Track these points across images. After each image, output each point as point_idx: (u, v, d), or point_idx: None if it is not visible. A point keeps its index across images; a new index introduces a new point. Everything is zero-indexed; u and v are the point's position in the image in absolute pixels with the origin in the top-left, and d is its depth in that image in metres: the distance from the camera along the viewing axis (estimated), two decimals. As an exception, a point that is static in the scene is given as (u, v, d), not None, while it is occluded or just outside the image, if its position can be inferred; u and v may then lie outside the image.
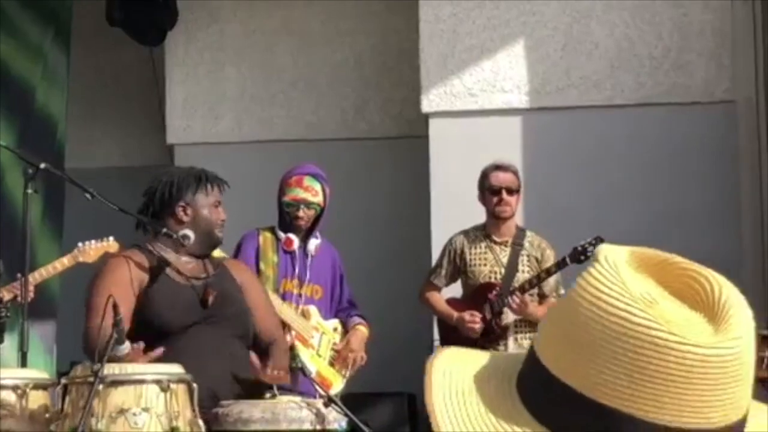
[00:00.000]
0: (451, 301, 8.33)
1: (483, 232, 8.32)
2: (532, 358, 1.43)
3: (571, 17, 9.78)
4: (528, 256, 8.25)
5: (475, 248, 8.29)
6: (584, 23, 9.77)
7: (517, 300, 8.03)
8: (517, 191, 8.29)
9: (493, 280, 8.20)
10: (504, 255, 8.25)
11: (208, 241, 6.58)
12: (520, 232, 8.34)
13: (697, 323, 1.36)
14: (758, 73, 9.50)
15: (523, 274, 8.20)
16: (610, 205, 9.21)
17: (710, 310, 1.37)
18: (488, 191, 8.25)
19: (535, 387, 1.42)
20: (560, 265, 8.06)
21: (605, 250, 1.42)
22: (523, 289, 8.09)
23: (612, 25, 9.76)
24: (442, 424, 1.40)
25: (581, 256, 7.89)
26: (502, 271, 8.20)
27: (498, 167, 8.32)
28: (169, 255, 6.42)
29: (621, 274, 1.38)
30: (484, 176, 8.28)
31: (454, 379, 1.46)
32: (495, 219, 8.27)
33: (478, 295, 8.20)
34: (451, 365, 1.48)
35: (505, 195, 8.20)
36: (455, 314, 8.18)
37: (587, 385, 1.36)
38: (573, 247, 7.98)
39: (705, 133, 9.61)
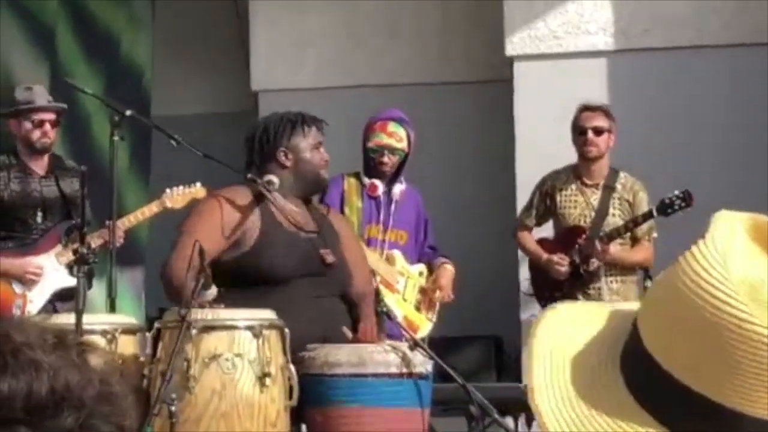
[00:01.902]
0: (542, 242, 8.33)
1: (574, 174, 8.29)
2: (635, 337, 1.38)
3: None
4: (620, 198, 8.19)
5: (566, 190, 8.27)
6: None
7: (599, 248, 8.02)
8: (609, 131, 8.22)
9: (583, 223, 8.17)
10: (595, 198, 8.20)
11: (314, 183, 6.58)
12: (613, 174, 8.27)
13: None
14: None
15: (614, 217, 8.15)
16: (695, 150, 9.17)
17: None
18: (577, 131, 8.23)
19: (638, 371, 1.38)
20: (647, 216, 8.02)
21: (716, 222, 1.36)
22: (611, 237, 8.04)
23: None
24: (543, 406, 1.39)
25: (668, 209, 7.86)
26: (592, 214, 8.17)
27: (586, 108, 8.28)
28: (274, 197, 6.36)
29: (727, 255, 1.32)
30: (575, 117, 8.25)
31: (553, 352, 1.43)
32: (584, 160, 8.24)
33: (568, 238, 8.19)
34: (551, 331, 1.46)
35: (591, 135, 8.16)
36: (544, 255, 8.18)
37: (686, 371, 1.33)
38: (660, 200, 7.93)
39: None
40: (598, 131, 8.20)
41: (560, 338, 1.45)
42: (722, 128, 9.47)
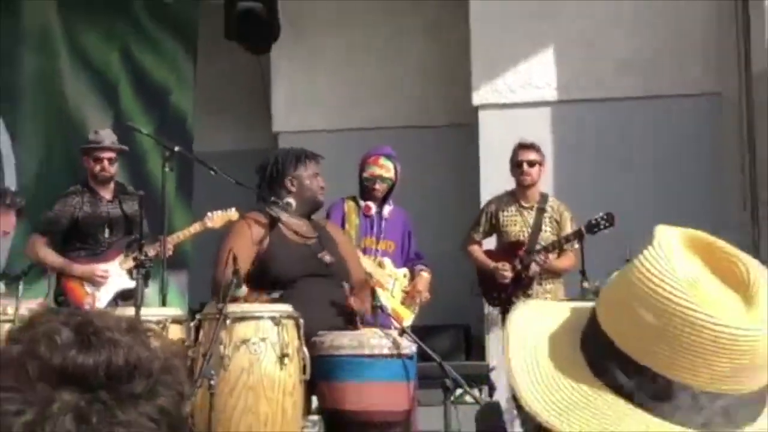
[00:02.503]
0: (487, 252, 8.28)
1: (513, 198, 8.26)
2: (594, 324, 1.38)
3: (587, 32, 9.72)
4: (550, 218, 8.16)
5: (507, 211, 8.23)
6: (597, 36, 9.72)
7: (543, 258, 8.01)
8: (540, 164, 8.22)
9: (521, 238, 8.13)
10: (530, 217, 8.17)
11: (312, 204, 6.60)
12: (543, 198, 8.25)
13: (732, 304, 1.30)
14: (740, 68, 9.49)
15: (546, 233, 8.12)
16: (617, 179, 9.19)
17: (745, 292, 1.30)
18: (514, 164, 8.23)
19: (596, 349, 1.36)
20: (577, 234, 7.97)
21: (660, 233, 1.36)
22: (547, 250, 8.03)
23: (616, 37, 9.71)
24: (521, 383, 1.37)
25: (595, 228, 7.84)
26: (529, 230, 8.14)
27: (522, 145, 8.26)
28: (283, 216, 6.42)
29: (670, 257, 1.32)
30: (513, 153, 8.25)
31: (527, 339, 1.41)
32: (521, 187, 8.22)
33: (509, 250, 8.15)
34: (525, 321, 1.44)
35: (525, 167, 8.15)
36: (491, 264, 8.14)
37: (639, 352, 1.32)
38: (588, 221, 7.90)
39: (693, 121, 9.61)
40: (531, 163, 8.19)
41: (531, 328, 1.43)
42: (645, 165, 9.45)
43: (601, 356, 1.35)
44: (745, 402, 1.32)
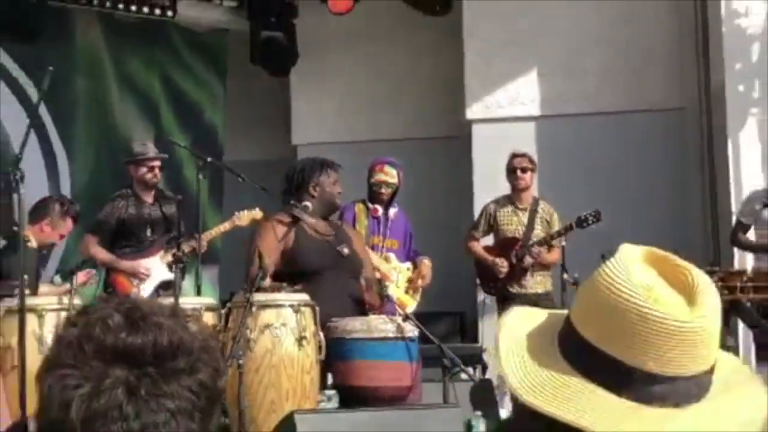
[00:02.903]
0: (486, 248, 8.28)
1: (509, 200, 8.27)
2: (568, 322, 1.44)
3: (565, 55, 9.74)
4: (541, 218, 8.17)
5: (504, 212, 8.24)
6: (574, 59, 9.73)
7: (537, 251, 8.02)
8: (532, 170, 8.23)
9: (517, 235, 8.15)
10: (524, 217, 8.18)
11: (330, 207, 6.62)
12: (535, 201, 8.26)
13: (679, 304, 1.37)
14: (700, 85, 9.47)
15: (537, 231, 8.13)
16: (591, 185, 9.15)
17: (690, 294, 1.38)
18: (510, 170, 8.24)
19: (569, 343, 1.42)
20: (567, 228, 7.96)
21: (622, 249, 1.43)
22: (540, 244, 8.04)
23: (590, 59, 9.70)
24: (508, 369, 1.43)
25: (584, 223, 7.84)
26: (523, 228, 8.15)
27: (515, 154, 8.29)
28: (304, 216, 6.42)
29: (629, 267, 1.39)
30: (508, 160, 8.26)
31: (515, 335, 1.47)
32: (515, 190, 8.23)
33: (505, 245, 8.15)
34: (515, 322, 1.50)
35: (519, 173, 8.17)
36: (490, 258, 8.15)
37: (603, 341, 1.38)
38: (577, 217, 7.88)
39: (659, 134, 9.59)
40: (524, 170, 8.21)
41: (517, 328, 1.48)
42: (616, 172, 9.44)
43: (573, 348, 1.42)
44: (690, 383, 1.38)
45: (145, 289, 7.49)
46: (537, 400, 1.38)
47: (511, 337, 1.47)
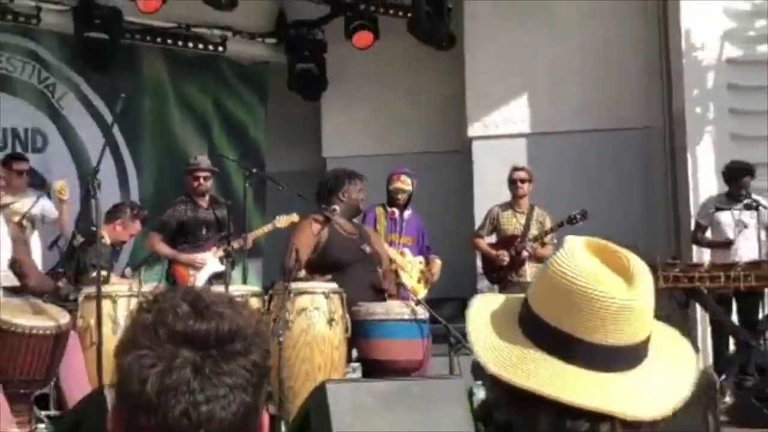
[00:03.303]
0: (489, 244, 8.27)
1: (509, 205, 8.26)
2: (526, 303, 1.43)
3: (551, 82, 9.71)
4: (536, 220, 8.16)
5: (505, 215, 8.23)
6: (558, 84, 9.70)
7: (533, 245, 8.03)
8: (529, 181, 8.22)
9: (516, 233, 8.14)
10: (522, 219, 8.17)
11: (356, 211, 6.67)
12: (531, 206, 8.23)
13: (618, 284, 1.36)
14: (664, 107, 9.46)
15: (532, 230, 8.11)
16: (583, 194, 9.12)
17: (627, 276, 1.37)
18: (511, 181, 8.24)
19: (527, 321, 1.42)
20: (560, 225, 7.97)
21: (568, 239, 1.43)
22: (535, 240, 8.05)
23: (572, 85, 9.67)
24: (476, 347, 1.42)
25: (573, 220, 7.87)
26: (521, 228, 8.14)
27: (516, 168, 8.31)
28: (336, 218, 6.43)
29: (575, 255, 1.39)
30: (510, 172, 8.27)
31: (482, 316, 1.47)
32: (515, 197, 8.23)
33: (506, 242, 8.15)
34: (480, 307, 1.49)
35: (519, 183, 8.18)
36: (493, 252, 8.14)
37: (555, 319, 1.38)
38: (567, 215, 7.91)
39: (630, 149, 9.55)
40: (523, 180, 8.21)
41: (483, 311, 1.48)
42: (595, 183, 9.38)
43: (531, 326, 1.41)
44: (629, 351, 1.38)
45: (200, 279, 7.47)
46: (502, 371, 1.38)
47: (478, 319, 1.46)
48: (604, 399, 1.34)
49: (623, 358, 1.38)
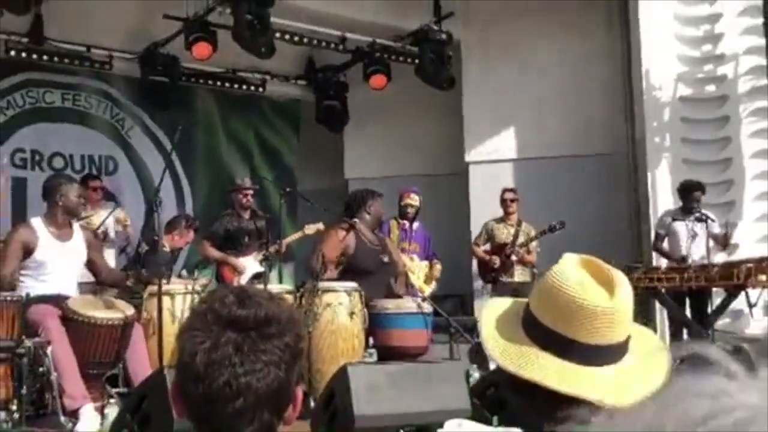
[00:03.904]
0: (485, 251, 8.20)
1: (501, 220, 8.19)
2: (527, 309, 1.44)
3: (534, 115, 9.70)
4: (523, 231, 8.09)
5: (497, 227, 8.17)
6: (539, 118, 9.69)
7: (519, 252, 7.98)
8: (517, 200, 8.17)
9: (506, 242, 8.08)
10: (511, 230, 8.11)
11: (377, 223, 6.60)
12: (519, 221, 8.17)
13: (602, 294, 1.37)
14: (627, 136, 9.41)
15: (520, 240, 8.05)
16: (561, 209, 9.07)
17: (609, 286, 1.38)
18: (502, 200, 8.20)
19: (529, 323, 1.42)
20: (543, 233, 7.89)
21: (564, 258, 1.44)
22: (521, 246, 7.99)
23: (551, 119, 9.66)
24: (487, 342, 1.44)
25: (554, 229, 7.75)
26: (510, 238, 8.08)
27: (506, 189, 8.28)
28: (360, 227, 6.38)
29: (567, 270, 1.40)
30: (501, 193, 8.24)
31: (492, 316, 1.47)
32: (506, 214, 8.17)
33: (498, 249, 8.09)
34: (491, 309, 1.50)
35: (509, 203, 8.14)
36: (487, 257, 8.09)
37: (551, 321, 1.39)
38: (549, 224, 7.83)
39: (597, 173, 9.50)
40: (512, 200, 8.17)
41: (493, 313, 1.48)
42: (569, 201, 9.34)
43: (532, 327, 1.41)
44: (611, 349, 1.38)
45: (243, 279, 7.45)
46: (507, 363, 1.39)
47: (488, 321, 1.47)
48: (588, 389, 1.34)
49: (607, 355, 1.38)
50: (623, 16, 9.46)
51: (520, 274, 8.08)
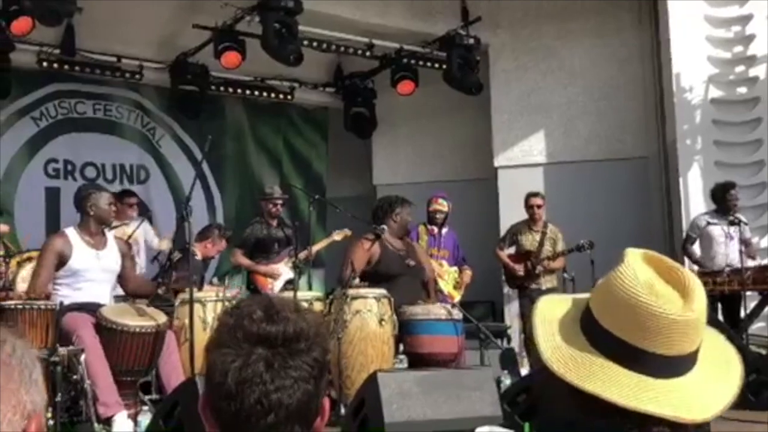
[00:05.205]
0: (509, 256, 8.15)
1: (527, 224, 8.11)
2: (588, 312, 1.33)
3: (563, 119, 9.67)
4: (549, 238, 8.01)
5: (522, 232, 8.09)
6: (570, 121, 9.66)
7: (545, 264, 7.90)
8: (542, 205, 8.10)
9: (532, 249, 8.00)
10: (537, 236, 8.02)
11: (405, 230, 6.56)
12: (545, 225, 8.08)
13: (675, 299, 1.27)
14: (659, 139, 9.35)
15: (546, 247, 7.96)
16: (592, 213, 9.01)
17: (683, 291, 1.27)
18: (527, 205, 8.12)
19: (589, 327, 1.32)
20: (568, 251, 7.81)
21: (629, 253, 1.32)
22: (548, 258, 7.90)
23: (582, 122, 9.63)
24: (543, 346, 1.33)
25: (581, 249, 7.56)
26: (536, 245, 8.00)
27: (531, 194, 8.19)
28: (386, 235, 6.36)
29: (635, 269, 1.29)
30: (526, 198, 8.16)
31: (547, 317, 1.37)
32: (531, 219, 8.10)
33: (523, 256, 8.02)
34: (546, 308, 1.39)
35: (535, 208, 8.07)
36: (511, 264, 8.02)
37: (617, 328, 1.28)
38: (576, 243, 7.68)
39: (629, 176, 9.43)
40: (539, 206, 8.09)
41: (548, 312, 1.38)
42: (603, 201, 9.30)
43: (593, 333, 1.31)
44: (683, 360, 1.29)
45: (276, 285, 7.50)
46: (566, 372, 1.28)
47: (544, 321, 1.36)
48: (660, 403, 1.25)
49: (678, 365, 1.28)
50: (653, 18, 9.41)
51: (547, 281, 8.02)
